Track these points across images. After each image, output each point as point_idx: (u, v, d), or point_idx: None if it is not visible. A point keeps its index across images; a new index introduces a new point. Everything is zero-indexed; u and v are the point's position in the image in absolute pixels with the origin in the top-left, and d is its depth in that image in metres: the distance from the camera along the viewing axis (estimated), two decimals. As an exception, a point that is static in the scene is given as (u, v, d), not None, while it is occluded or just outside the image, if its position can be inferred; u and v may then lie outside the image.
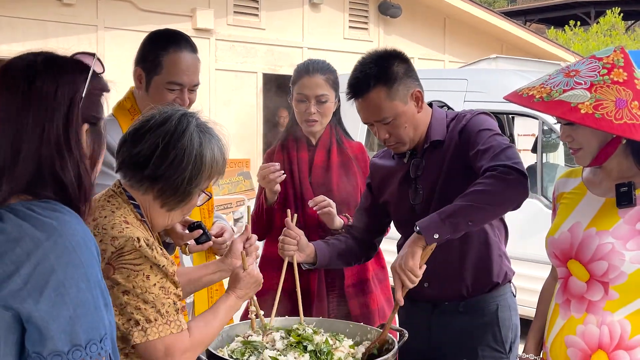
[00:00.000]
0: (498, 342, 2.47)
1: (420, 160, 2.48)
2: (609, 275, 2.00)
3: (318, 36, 11.11)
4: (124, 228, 1.71)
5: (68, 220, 1.26)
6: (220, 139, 1.88)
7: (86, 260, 1.25)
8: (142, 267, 1.68)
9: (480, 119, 2.40)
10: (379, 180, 2.65)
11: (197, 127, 1.82)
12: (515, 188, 2.15)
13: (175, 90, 2.46)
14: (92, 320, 1.24)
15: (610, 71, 1.98)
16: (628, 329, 2.00)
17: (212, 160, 1.82)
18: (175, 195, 1.79)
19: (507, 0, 34.57)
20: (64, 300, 1.21)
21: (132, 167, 1.80)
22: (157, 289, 1.69)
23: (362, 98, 2.37)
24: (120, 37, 8.99)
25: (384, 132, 2.39)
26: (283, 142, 3.06)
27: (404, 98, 2.36)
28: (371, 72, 2.34)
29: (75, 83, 1.34)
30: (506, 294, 2.52)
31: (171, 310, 1.70)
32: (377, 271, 3.06)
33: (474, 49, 12.09)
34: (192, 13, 9.86)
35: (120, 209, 1.77)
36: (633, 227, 2.00)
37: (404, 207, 2.53)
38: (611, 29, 20.61)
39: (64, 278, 1.21)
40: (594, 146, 2.04)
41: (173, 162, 1.76)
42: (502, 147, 2.24)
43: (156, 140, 1.77)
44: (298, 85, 2.95)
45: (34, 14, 8.54)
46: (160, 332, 1.68)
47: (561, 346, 2.10)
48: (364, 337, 2.35)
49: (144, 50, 2.52)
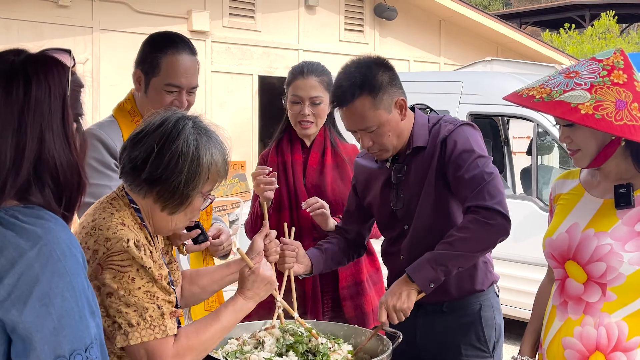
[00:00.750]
0: (481, 341, 2.50)
1: (402, 166, 2.50)
2: (607, 276, 2.00)
3: (314, 38, 11.12)
4: (119, 230, 1.70)
5: (53, 227, 1.24)
6: (221, 141, 1.85)
7: (71, 268, 1.22)
8: (128, 268, 1.67)
9: (463, 134, 2.40)
10: (363, 183, 2.67)
11: (194, 130, 1.79)
12: (498, 233, 2.28)
13: (173, 92, 2.46)
14: (77, 330, 1.21)
15: (610, 73, 1.98)
16: (625, 330, 2.00)
17: (210, 162, 1.79)
18: (173, 198, 1.78)
19: (502, 3, 34.66)
20: (48, 310, 1.18)
21: (130, 171, 1.79)
22: (141, 293, 1.67)
23: (346, 107, 2.37)
24: (115, 39, 8.97)
25: (368, 140, 2.40)
26: (277, 143, 3.06)
27: (388, 107, 2.37)
28: (355, 81, 2.34)
29: (62, 82, 1.32)
30: (489, 294, 2.55)
31: (155, 315, 1.68)
32: (372, 273, 3.06)
33: (469, 52, 12.11)
34: (188, 15, 9.85)
35: (119, 212, 1.77)
36: (632, 228, 2.00)
37: (385, 211, 2.56)
38: (606, 32, 20.67)
39: (48, 288, 1.19)
40: (593, 148, 2.04)
41: (169, 164, 1.74)
42: (485, 179, 2.30)
43: (152, 144, 1.76)
44: (292, 87, 2.95)
45: (29, 15, 8.52)
46: (143, 336, 1.66)
47: (558, 348, 2.09)
48: (358, 340, 2.34)
49: (143, 52, 2.52)
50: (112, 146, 2.41)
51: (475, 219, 2.27)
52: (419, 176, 2.45)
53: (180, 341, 1.73)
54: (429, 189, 2.43)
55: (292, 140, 3.03)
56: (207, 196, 1.85)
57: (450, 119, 2.51)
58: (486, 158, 2.36)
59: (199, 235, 2.15)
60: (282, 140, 3.05)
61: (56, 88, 1.30)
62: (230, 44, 10.36)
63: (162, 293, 1.72)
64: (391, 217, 2.54)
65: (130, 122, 2.50)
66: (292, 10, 10.96)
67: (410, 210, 2.47)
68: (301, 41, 11.05)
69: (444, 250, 2.27)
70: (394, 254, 2.57)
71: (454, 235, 2.28)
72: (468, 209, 2.31)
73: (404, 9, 11.82)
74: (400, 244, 2.53)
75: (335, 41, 11.32)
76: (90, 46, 8.97)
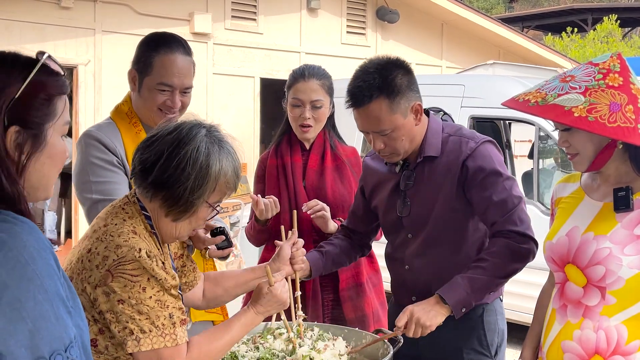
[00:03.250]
0: (484, 345, 2.49)
1: (411, 173, 2.47)
2: (606, 280, 1.99)
3: (315, 41, 11.12)
4: (130, 238, 1.69)
5: (19, 231, 1.20)
6: (234, 153, 1.83)
7: (41, 272, 1.20)
8: (139, 278, 1.66)
9: (487, 153, 2.38)
10: (372, 186, 2.65)
11: (207, 137, 1.78)
12: (527, 258, 2.31)
13: (166, 92, 2.45)
14: (54, 331, 1.20)
15: (606, 76, 1.98)
16: (625, 334, 2.00)
17: (219, 173, 1.77)
18: (177, 205, 1.76)
19: (504, 7, 34.67)
20: (20, 315, 1.16)
21: (140, 173, 1.79)
22: (152, 302, 1.67)
23: (362, 108, 2.33)
24: (117, 40, 8.97)
25: (380, 142, 2.37)
26: (276, 146, 3.06)
27: (405, 111, 2.33)
28: (374, 82, 2.29)
29: (6, 82, 1.25)
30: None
31: (167, 323, 1.69)
32: (371, 275, 3.06)
33: (471, 55, 12.11)
34: (190, 17, 9.85)
35: (132, 219, 1.76)
36: (631, 231, 2.00)
37: (391, 216, 2.54)
38: (608, 36, 20.69)
39: (18, 293, 1.16)
40: (591, 151, 2.04)
41: (176, 169, 1.73)
42: (515, 204, 2.31)
43: (163, 147, 1.76)
44: (293, 90, 2.95)
45: (32, 16, 8.52)
46: (154, 343, 1.66)
47: (558, 351, 2.09)
48: (359, 343, 2.34)
49: (138, 52, 2.53)
50: (112, 146, 2.42)
51: (508, 244, 2.27)
52: (429, 186, 2.43)
53: (193, 351, 1.74)
54: (443, 204, 2.39)
55: (291, 142, 3.03)
56: (214, 207, 1.82)
57: (469, 133, 2.45)
58: (512, 180, 2.36)
59: (223, 240, 2.15)
60: (281, 142, 3.05)
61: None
62: (232, 46, 10.36)
63: (172, 301, 1.72)
64: (396, 223, 2.52)
65: (128, 124, 2.51)
66: (294, 12, 10.96)
67: (416, 218, 2.45)
68: (303, 44, 11.05)
69: (478, 275, 2.26)
70: (398, 260, 2.56)
71: (487, 260, 2.28)
72: (499, 232, 2.31)
73: (406, 12, 11.82)
74: (404, 252, 2.52)
75: (337, 44, 11.32)
76: (92, 48, 8.97)
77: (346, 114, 2.52)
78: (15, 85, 1.26)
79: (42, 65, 1.31)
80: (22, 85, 1.26)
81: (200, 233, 2.15)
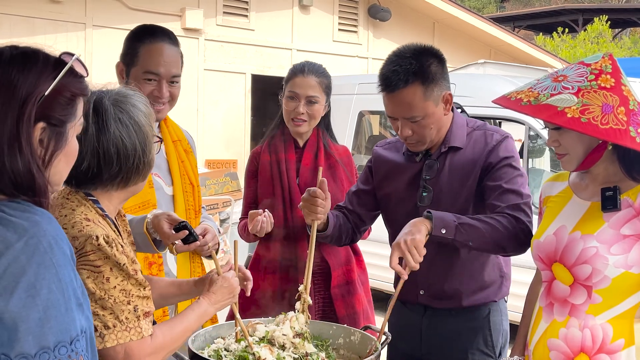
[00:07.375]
0: (489, 346, 2.47)
1: (435, 162, 2.44)
2: (592, 279, 2.01)
3: (307, 38, 11.12)
4: (85, 226, 1.65)
5: (39, 220, 1.24)
6: (137, 97, 1.79)
7: (58, 260, 1.23)
8: (102, 268, 1.63)
9: (510, 147, 2.40)
10: (383, 174, 2.59)
11: (113, 107, 1.73)
12: (518, 239, 2.25)
13: (152, 82, 2.45)
14: (63, 322, 1.22)
15: (598, 77, 1.98)
16: (610, 332, 2.01)
17: (147, 119, 1.76)
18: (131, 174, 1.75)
19: (496, 6, 34.75)
20: (34, 301, 1.19)
21: (90, 180, 1.74)
22: (117, 292, 1.64)
23: (395, 92, 2.30)
24: (108, 35, 8.94)
25: (408, 129, 2.34)
26: (270, 141, 3.05)
27: (437, 100, 2.33)
28: (411, 67, 2.29)
29: (39, 80, 1.29)
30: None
31: (131, 317, 1.66)
32: (360, 273, 3.08)
33: (462, 54, 12.13)
34: (182, 13, 9.83)
35: (80, 207, 1.72)
36: (617, 231, 2.01)
37: (406, 206, 2.48)
38: (598, 37, 20.77)
39: (35, 279, 1.20)
40: (580, 151, 2.05)
41: (119, 155, 1.71)
42: (522, 198, 2.30)
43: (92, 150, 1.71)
44: (291, 84, 2.96)
45: (22, 10, 8.48)
46: (119, 339, 1.64)
47: (544, 349, 2.10)
48: (347, 340, 2.34)
49: (125, 45, 2.53)
50: None
51: (506, 218, 2.25)
52: (452, 177, 2.41)
53: (157, 339, 1.72)
54: (467, 195, 2.38)
55: (285, 138, 3.03)
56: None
57: (493, 127, 2.47)
58: (525, 178, 2.37)
59: (189, 235, 2.14)
60: (274, 137, 3.05)
61: (25, 82, 1.28)
62: (223, 42, 10.35)
63: (137, 290, 1.69)
64: (412, 213, 2.41)
65: None
66: (286, 9, 10.96)
67: (436, 208, 2.36)
68: (295, 41, 11.04)
69: (471, 219, 2.23)
70: None
71: (484, 218, 2.24)
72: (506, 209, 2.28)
73: (398, 11, 11.84)
74: None
75: (328, 41, 11.32)
76: (83, 42, 8.94)
77: (339, 112, 2.51)
78: (46, 85, 1.30)
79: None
80: (51, 84, 1.30)
81: (165, 228, 2.13)
